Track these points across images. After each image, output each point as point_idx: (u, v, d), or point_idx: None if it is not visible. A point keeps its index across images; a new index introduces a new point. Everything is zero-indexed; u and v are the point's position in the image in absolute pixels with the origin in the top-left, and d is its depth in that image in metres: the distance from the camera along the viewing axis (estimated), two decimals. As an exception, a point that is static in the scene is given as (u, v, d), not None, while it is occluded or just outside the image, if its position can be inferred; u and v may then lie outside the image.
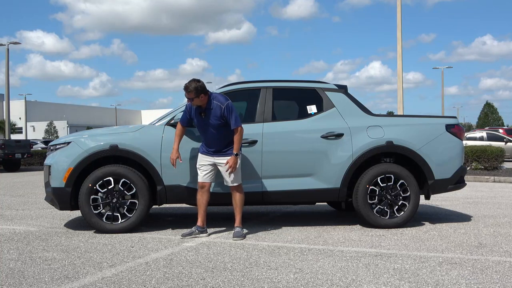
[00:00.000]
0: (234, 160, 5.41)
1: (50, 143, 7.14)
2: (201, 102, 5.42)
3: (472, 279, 3.86)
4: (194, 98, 5.35)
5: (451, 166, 6.26)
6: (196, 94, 5.34)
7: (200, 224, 5.62)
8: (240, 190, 5.58)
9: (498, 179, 13.42)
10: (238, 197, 5.58)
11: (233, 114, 5.37)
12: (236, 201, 5.59)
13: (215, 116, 5.40)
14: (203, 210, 5.61)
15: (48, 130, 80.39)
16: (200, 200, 5.60)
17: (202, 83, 5.41)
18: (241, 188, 5.60)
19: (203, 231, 5.63)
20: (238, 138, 5.40)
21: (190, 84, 5.35)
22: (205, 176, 5.56)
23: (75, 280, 3.90)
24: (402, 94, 20.83)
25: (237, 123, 5.38)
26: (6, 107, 33.95)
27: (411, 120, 6.38)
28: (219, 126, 5.42)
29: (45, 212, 7.70)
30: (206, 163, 5.55)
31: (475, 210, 7.72)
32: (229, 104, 5.40)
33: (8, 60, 33.01)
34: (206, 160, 5.56)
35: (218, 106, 5.38)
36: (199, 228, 5.61)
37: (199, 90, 5.33)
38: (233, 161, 5.40)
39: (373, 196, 6.01)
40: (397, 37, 20.59)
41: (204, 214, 5.63)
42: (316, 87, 6.31)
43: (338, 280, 3.86)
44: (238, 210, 5.61)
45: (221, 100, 5.42)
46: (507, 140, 22.97)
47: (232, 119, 5.36)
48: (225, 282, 3.84)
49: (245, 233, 5.59)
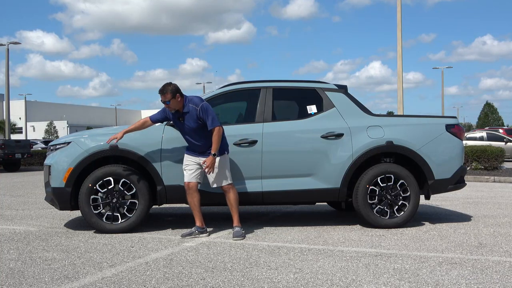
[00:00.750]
0: (212, 160, 5.36)
1: (50, 143, 7.14)
2: (178, 105, 5.41)
3: (472, 279, 3.86)
4: (171, 99, 5.35)
5: (451, 166, 6.26)
6: (172, 94, 5.34)
7: (199, 224, 5.62)
8: (231, 190, 5.56)
9: (498, 179, 13.42)
10: (231, 197, 5.56)
11: (209, 115, 5.34)
12: (230, 201, 5.57)
13: (192, 118, 5.39)
14: (197, 211, 5.60)
15: (48, 130, 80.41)
16: (191, 202, 5.58)
17: (176, 85, 5.44)
18: (232, 188, 5.57)
19: (203, 231, 5.63)
20: (216, 139, 5.34)
21: (164, 87, 5.39)
22: (191, 176, 5.55)
23: (75, 280, 3.90)
24: (402, 94, 20.84)
25: (214, 123, 5.33)
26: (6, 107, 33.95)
27: (411, 120, 6.38)
28: (197, 128, 5.42)
29: (45, 212, 7.71)
30: (191, 163, 5.55)
31: (475, 210, 7.72)
32: (204, 105, 5.37)
33: (8, 60, 33.02)
34: (191, 160, 5.56)
35: (193, 109, 5.38)
36: (198, 229, 5.61)
37: (174, 91, 5.36)
38: (210, 161, 5.36)
39: (373, 196, 6.01)
40: (397, 37, 20.60)
41: (200, 215, 5.62)
42: (316, 87, 6.31)
43: (338, 280, 3.86)
44: (234, 210, 5.59)
45: (196, 102, 5.41)
46: (507, 140, 22.98)
47: (208, 119, 5.33)
48: (225, 282, 3.84)
49: (242, 233, 5.57)
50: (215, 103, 6.24)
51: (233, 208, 5.59)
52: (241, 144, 5.88)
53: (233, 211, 5.60)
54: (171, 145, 5.84)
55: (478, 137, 24.25)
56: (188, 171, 5.56)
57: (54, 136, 75.00)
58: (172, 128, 5.88)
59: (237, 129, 6.01)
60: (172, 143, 5.84)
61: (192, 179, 5.55)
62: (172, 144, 5.84)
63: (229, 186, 5.55)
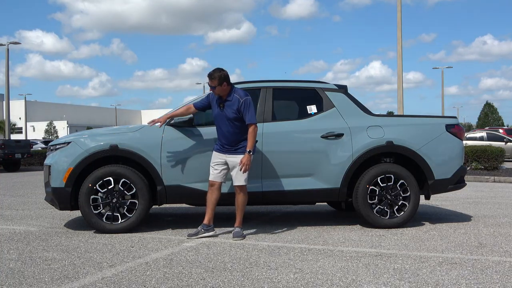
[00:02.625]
0: (248, 158, 5.37)
1: (50, 143, 7.14)
2: (223, 92, 5.45)
3: (472, 279, 3.86)
4: (216, 86, 5.41)
5: (451, 166, 6.26)
6: (219, 81, 5.40)
7: (206, 222, 5.59)
8: (243, 191, 5.54)
9: (498, 179, 13.42)
10: (241, 198, 5.55)
11: (250, 110, 5.36)
12: (238, 202, 5.57)
13: (232, 108, 5.41)
14: (211, 208, 5.57)
15: (48, 130, 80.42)
16: (209, 198, 5.57)
17: (226, 72, 5.47)
18: (245, 190, 5.56)
19: (208, 229, 5.59)
20: (251, 135, 5.37)
21: (214, 72, 5.44)
22: (216, 174, 5.54)
23: (75, 280, 3.90)
24: (402, 94, 20.84)
25: (252, 119, 5.36)
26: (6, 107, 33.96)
27: (411, 120, 6.38)
28: (234, 119, 5.42)
29: (45, 212, 7.70)
30: (219, 162, 5.53)
31: (475, 210, 7.72)
32: (248, 100, 5.40)
33: (8, 60, 33.03)
34: (219, 158, 5.54)
35: (237, 99, 5.41)
36: (204, 227, 5.59)
37: (222, 78, 5.39)
38: (247, 159, 5.36)
39: (373, 196, 6.01)
40: (397, 37, 20.60)
41: (212, 213, 5.59)
42: (316, 87, 6.31)
43: (338, 280, 3.86)
44: (240, 211, 5.59)
45: (241, 94, 5.44)
46: (507, 140, 22.97)
47: (247, 114, 5.35)
48: (225, 282, 3.84)
49: (242, 233, 5.57)
50: (215, 103, 6.24)
51: (239, 209, 5.57)
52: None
53: (238, 212, 5.59)
54: (171, 145, 5.84)
55: (478, 137, 24.25)
56: (215, 170, 5.55)
57: (54, 136, 75.01)
58: (172, 128, 5.88)
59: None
60: (172, 143, 5.84)
61: (217, 178, 5.54)
62: (172, 144, 5.84)
63: (243, 186, 5.51)
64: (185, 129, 5.89)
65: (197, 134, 5.88)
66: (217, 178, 5.54)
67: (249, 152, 5.37)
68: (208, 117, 6.39)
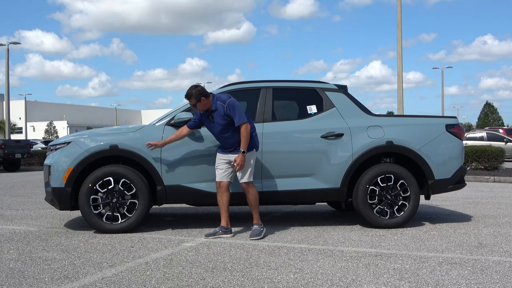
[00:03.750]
0: (241, 158, 5.36)
1: (50, 143, 7.14)
2: (205, 106, 5.45)
3: (472, 279, 3.86)
4: (196, 103, 5.41)
5: (451, 166, 6.26)
6: (196, 98, 5.38)
7: (223, 224, 5.58)
8: (251, 188, 5.53)
9: (498, 179, 13.42)
10: (250, 195, 5.53)
11: (236, 111, 5.35)
12: (249, 200, 5.55)
13: (220, 116, 5.41)
14: (224, 210, 5.56)
15: (48, 130, 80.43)
16: (220, 200, 5.57)
17: (201, 87, 5.46)
18: (252, 186, 5.55)
19: (227, 231, 5.58)
20: (244, 135, 5.35)
21: (189, 91, 5.43)
22: (222, 175, 5.54)
23: (75, 280, 3.90)
24: (402, 94, 20.86)
25: (241, 119, 5.34)
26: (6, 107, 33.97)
27: (411, 120, 6.38)
28: (226, 125, 5.42)
29: (45, 212, 7.70)
30: (222, 162, 5.54)
31: (475, 210, 7.72)
32: (231, 102, 5.39)
33: (8, 60, 33.04)
34: (222, 159, 5.55)
35: (221, 106, 5.40)
36: (223, 229, 5.57)
37: (198, 94, 5.38)
38: (240, 159, 5.36)
39: (373, 196, 6.01)
40: (397, 37, 20.61)
41: (227, 214, 5.57)
42: (316, 87, 6.31)
43: (338, 280, 3.86)
44: (252, 208, 5.57)
45: (223, 99, 5.43)
46: (507, 140, 22.97)
47: (235, 116, 5.34)
48: (225, 282, 3.84)
49: (262, 230, 5.55)
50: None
51: (252, 207, 5.57)
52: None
53: (252, 209, 5.59)
54: (171, 145, 5.83)
55: (478, 137, 24.25)
56: (219, 170, 5.55)
57: (54, 136, 75.04)
58: (172, 128, 5.88)
59: (237, 129, 6.01)
60: (172, 143, 5.84)
61: (223, 178, 5.54)
62: (172, 144, 5.83)
63: (248, 183, 5.50)
64: (185, 129, 5.88)
65: (197, 134, 5.88)
66: (223, 178, 5.53)
67: (243, 152, 5.37)
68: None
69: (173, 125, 5.89)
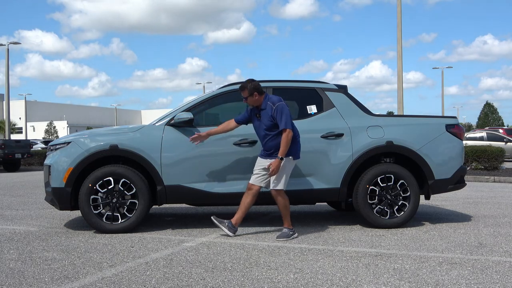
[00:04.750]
0: (277, 164, 5.31)
1: (50, 143, 7.14)
2: (255, 102, 5.47)
3: (472, 279, 3.86)
4: (248, 96, 5.44)
5: (451, 166, 6.26)
6: (249, 92, 5.42)
7: (234, 221, 5.57)
8: (279, 195, 5.46)
9: (498, 179, 13.42)
10: (279, 202, 5.49)
11: (283, 116, 5.31)
12: (279, 207, 5.53)
13: (267, 116, 5.41)
14: (242, 211, 5.55)
15: (48, 130, 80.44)
16: (243, 201, 5.56)
17: (256, 82, 5.50)
18: (281, 194, 5.47)
19: (230, 228, 5.56)
20: (284, 141, 5.30)
21: (245, 83, 5.49)
22: (256, 179, 5.51)
23: (75, 280, 3.90)
24: (402, 94, 20.87)
25: (286, 125, 5.30)
26: (6, 107, 33.99)
27: (411, 120, 6.39)
28: (271, 126, 5.41)
29: (45, 212, 7.71)
30: (261, 167, 5.51)
31: (475, 210, 7.73)
32: (280, 105, 5.36)
33: (8, 60, 33.06)
34: (261, 164, 5.51)
35: (270, 107, 5.40)
36: (230, 224, 5.58)
37: (252, 89, 5.42)
38: (275, 165, 5.31)
39: (373, 196, 6.02)
40: (397, 37, 20.62)
41: (241, 215, 5.54)
42: (316, 87, 6.31)
43: (338, 280, 3.86)
44: (282, 213, 5.54)
45: (273, 100, 5.43)
46: (507, 140, 22.97)
47: (281, 120, 5.31)
48: (225, 282, 3.84)
49: (291, 234, 5.51)
50: (215, 103, 6.25)
51: (282, 212, 5.55)
52: (241, 144, 5.88)
53: (282, 214, 5.56)
54: (171, 145, 5.84)
55: (478, 137, 24.25)
56: (255, 175, 5.52)
57: (54, 136, 75.03)
58: (172, 128, 5.89)
59: (237, 129, 6.01)
60: (172, 143, 5.85)
61: (255, 182, 5.50)
62: (172, 144, 5.84)
63: (278, 191, 5.45)
64: (185, 129, 5.89)
65: (197, 134, 5.87)
66: (255, 182, 5.50)
67: (280, 159, 5.32)
68: (208, 117, 6.41)
69: (173, 125, 5.89)
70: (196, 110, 6.05)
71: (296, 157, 5.51)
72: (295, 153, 5.50)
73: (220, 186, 5.85)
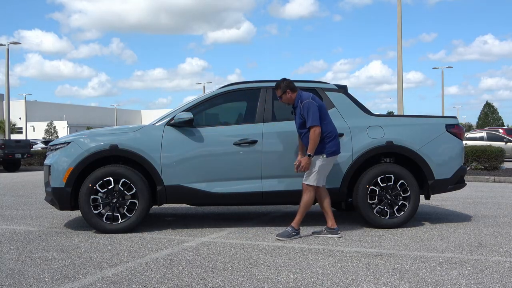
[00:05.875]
0: (306, 161, 5.33)
1: (50, 143, 7.14)
2: (289, 100, 5.56)
3: (472, 279, 3.86)
4: (282, 95, 5.54)
5: (451, 166, 6.26)
6: (282, 90, 5.51)
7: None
8: (308, 191, 5.45)
9: (498, 179, 13.42)
10: (304, 197, 5.48)
11: (310, 113, 5.33)
12: (302, 201, 5.50)
13: (299, 114, 5.47)
14: (326, 211, 5.61)
15: (48, 130, 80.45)
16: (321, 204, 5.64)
17: (289, 81, 5.59)
18: (311, 190, 5.45)
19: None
20: (312, 138, 5.31)
21: (278, 82, 5.60)
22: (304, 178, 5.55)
23: (75, 280, 3.90)
24: (402, 94, 20.87)
25: (312, 122, 5.31)
26: (6, 107, 33.99)
27: (411, 120, 6.39)
28: (302, 124, 5.46)
29: (45, 212, 7.71)
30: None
31: (475, 210, 7.73)
32: (307, 103, 5.38)
33: (8, 60, 33.05)
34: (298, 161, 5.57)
35: (299, 104, 5.46)
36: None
37: (285, 87, 5.51)
38: (305, 162, 5.34)
39: (373, 196, 6.01)
40: (397, 37, 20.62)
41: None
42: (316, 87, 6.31)
43: (338, 280, 3.86)
44: (299, 211, 5.52)
45: (303, 98, 5.47)
46: (507, 140, 22.97)
47: (308, 118, 5.33)
48: (225, 282, 3.84)
49: (293, 235, 5.48)
50: (215, 103, 6.25)
51: (300, 209, 5.52)
52: (241, 144, 5.88)
53: (298, 211, 5.54)
54: (171, 145, 5.84)
55: (478, 137, 24.24)
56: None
57: (54, 136, 75.03)
58: (172, 128, 5.89)
59: (237, 129, 6.02)
60: (172, 143, 5.85)
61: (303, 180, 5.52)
62: (172, 144, 5.84)
63: (309, 187, 5.44)
64: (185, 129, 5.89)
65: (197, 134, 5.88)
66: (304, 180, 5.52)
67: (308, 156, 5.33)
68: (208, 117, 6.41)
69: (173, 125, 5.89)
70: (196, 110, 6.06)
71: (329, 154, 5.44)
72: (329, 150, 5.44)
73: (220, 186, 5.85)
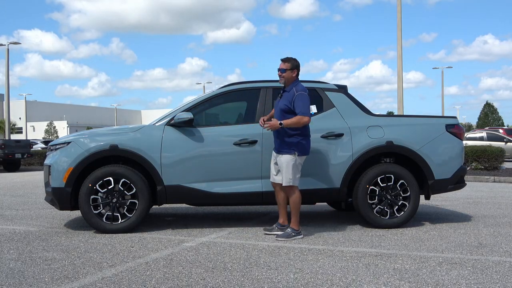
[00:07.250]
0: (275, 123, 5.27)
1: (50, 143, 7.14)
2: (288, 80, 5.51)
3: (472, 279, 3.86)
4: (287, 69, 5.47)
5: (451, 166, 6.26)
6: (291, 65, 5.49)
7: (280, 221, 5.66)
8: (291, 191, 5.45)
9: (498, 179, 13.42)
10: (290, 199, 5.48)
11: (304, 103, 5.30)
12: (290, 203, 5.50)
13: (287, 98, 5.42)
14: (281, 208, 5.65)
15: (48, 130, 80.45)
16: (276, 199, 5.66)
17: (299, 63, 5.58)
18: (294, 190, 5.44)
19: (282, 228, 5.60)
20: (297, 121, 5.24)
21: (290, 57, 5.57)
22: (273, 176, 5.60)
23: (75, 280, 3.90)
24: (402, 94, 20.86)
25: (305, 112, 5.28)
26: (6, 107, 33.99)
27: (411, 120, 6.39)
28: (285, 111, 5.39)
29: (45, 212, 7.71)
30: (273, 162, 5.59)
31: (475, 210, 7.73)
32: (303, 94, 5.37)
33: (8, 61, 33.04)
34: (273, 158, 5.60)
35: (293, 91, 5.41)
36: (279, 225, 5.64)
37: (295, 65, 5.51)
38: (273, 123, 5.28)
39: (373, 196, 6.02)
40: (397, 37, 20.61)
41: (283, 212, 5.64)
42: (316, 87, 6.31)
43: (338, 280, 3.86)
44: (292, 211, 5.50)
45: (298, 88, 5.44)
46: (507, 140, 22.97)
47: (298, 106, 5.28)
48: (225, 282, 3.84)
49: (294, 235, 5.45)
50: (215, 103, 6.25)
51: (291, 210, 5.52)
52: (241, 144, 5.88)
53: (291, 212, 5.54)
54: (171, 145, 5.84)
55: (478, 137, 24.24)
56: (272, 172, 5.62)
57: (54, 136, 75.04)
58: (172, 128, 5.89)
59: (237, 129, 6.02)
60: (172, 143, 5.85)
61: (274, 179, 5.59)
62: (172, 144, 5.84)
63: (287, 187, 5.44)
64: (185, 129, 5.89)
65: (197, 134, 5.88)
66: (274, 180, 5.58)
67: (280, 124, 5.27)
68: (208, 117, 6.41)
69: (173, 125, 5.89)
70: (196, 110, 6.05)
71: (301, 154, 5.44)
72: (303, 150, 5.43)
73: (220, 186, 5.85)
